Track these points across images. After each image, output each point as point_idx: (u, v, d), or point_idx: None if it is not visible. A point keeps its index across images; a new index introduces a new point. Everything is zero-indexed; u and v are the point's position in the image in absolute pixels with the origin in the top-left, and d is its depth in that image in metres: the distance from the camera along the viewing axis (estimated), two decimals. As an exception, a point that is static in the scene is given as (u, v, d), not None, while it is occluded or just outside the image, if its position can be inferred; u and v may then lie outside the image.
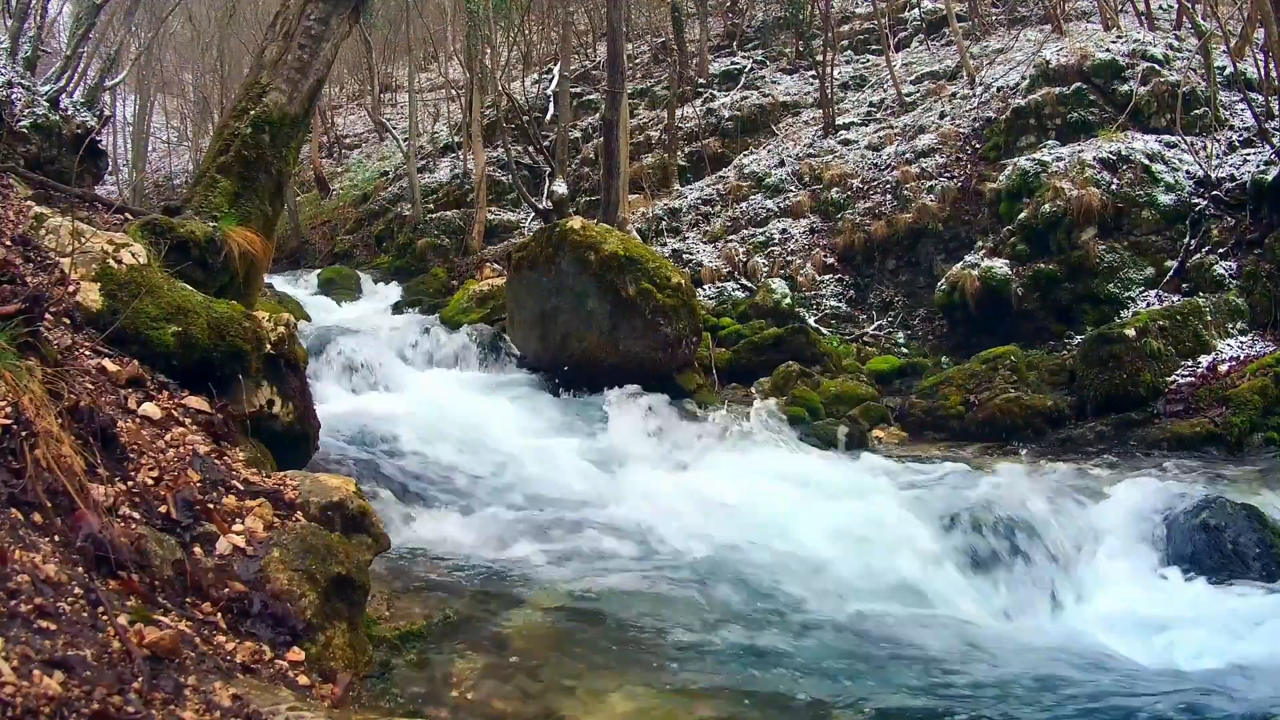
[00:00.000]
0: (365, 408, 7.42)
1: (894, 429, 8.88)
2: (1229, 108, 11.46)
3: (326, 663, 2.73)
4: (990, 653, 4.10)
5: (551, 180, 16.55)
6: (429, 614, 3.81)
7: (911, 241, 12.62)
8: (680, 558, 5.01)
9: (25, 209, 4.36)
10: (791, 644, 3.97)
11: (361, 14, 7.89)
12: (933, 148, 13.65)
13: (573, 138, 19.63)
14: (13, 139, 9.07)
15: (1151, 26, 14.43)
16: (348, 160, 27.28)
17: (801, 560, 5.05)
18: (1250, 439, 7.35)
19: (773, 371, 9.81)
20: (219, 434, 3.54)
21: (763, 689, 3.46)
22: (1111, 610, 4.80)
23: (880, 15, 18.56)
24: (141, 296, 3.84)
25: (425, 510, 5.57)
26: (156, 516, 2.70)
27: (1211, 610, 4.62)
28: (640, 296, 8.91)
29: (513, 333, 10.27)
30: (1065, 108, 12.23)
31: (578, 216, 10.76)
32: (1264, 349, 8.38)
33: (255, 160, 6.06)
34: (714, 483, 6.55)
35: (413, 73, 23.78)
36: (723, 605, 4.37)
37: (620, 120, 13.24)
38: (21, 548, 2.05)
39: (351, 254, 20.76)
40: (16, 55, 10.54)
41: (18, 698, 1.60)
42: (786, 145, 16.31)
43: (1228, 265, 9.48)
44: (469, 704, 3.13)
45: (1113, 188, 10.38)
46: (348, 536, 3.32)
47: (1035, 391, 8.63)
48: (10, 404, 2.32)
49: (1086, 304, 10.06)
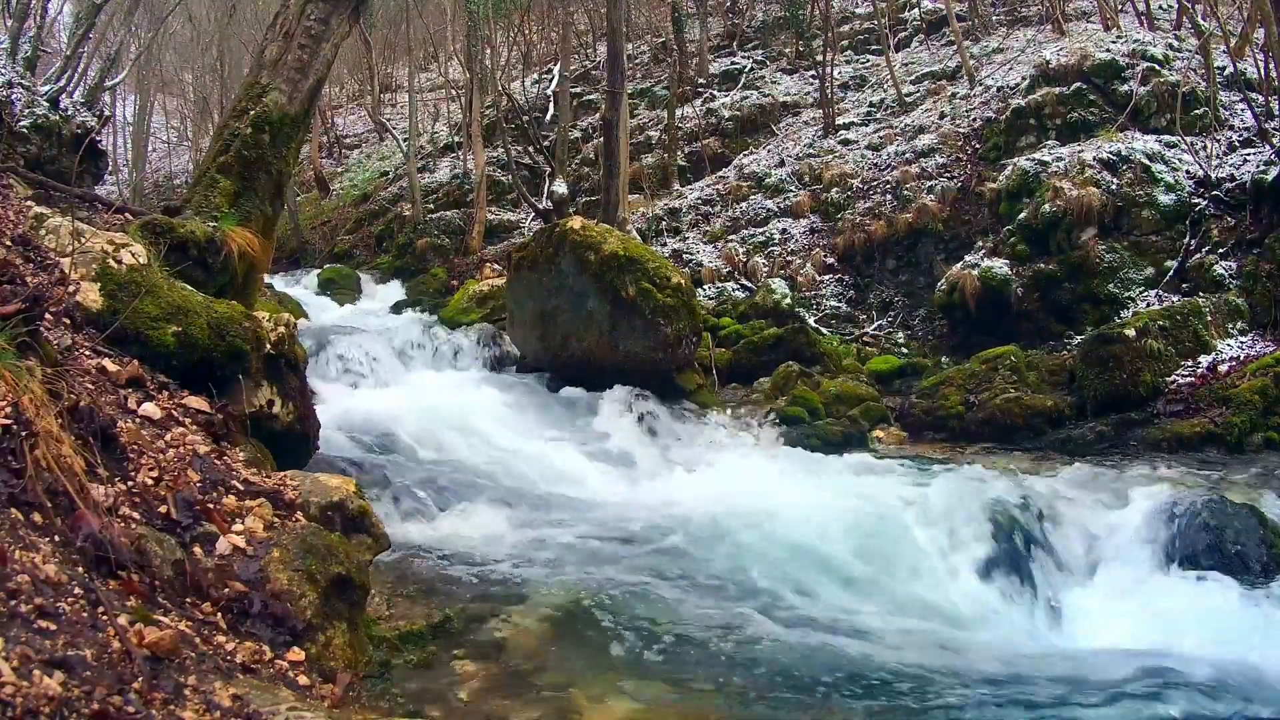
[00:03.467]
0: (365, 408, 7.41)
1: (894, 429, 8.87)
2: (1229, 108, 11.45)
3: (326, 663, 2.73)
4: (991, 653, 4.10)
5: (551, 180, 16.54)
6: (429, 614, 3.81)
7: (911, 241, 12.63)
8: (680, 558, 5.01)
9: (25, 209, 4.36)
10: (792, 644, 3.97)
11: (361, 14, 7.89)
12: (933, 148, 13.65)
13: (573, 138, 19.62)
14: (13, 139, 9.07)
15: (1151, 26, 14.43)
16: (348, 160, 27.26)
17: (801, 561, 5.04)
18: (1250, 439, 7.35)
19: (773, 372, 9.80)
20: (219, 434, 3.54)
21: (763, 690, 3.46)
22: (1111, 610, 4.80)
23: (880, 15, 18.56)
24: (141, 296, 3.84)
25: (425, 510, 5.56)
26: (156, 516, 2.69)
27: (1212, 610, 4.61)
28: (640, 296, 8.91)
29: (513, 333, 10.27)
30: (1065, 108, 12.23)
31: (578, 216, 10.76)
32: (1264, 349, 8.38)
33: (255, 160, 6.07)
34: (714, 483, 6.56)
35: (413, 73, 23.77)
36: (723, 605, 4.37)
37: (620, 120, 13.24)
38: (21, 548, 2.05)
39: (351, 254, 20.74)
40: (16, 55, 10.53)
41: (18, 698, 1.60)
42: (786, 145, 16.31)
43: (1228, 265, 9.48)
44: (469, 704, 3.13)
45: (1113, 188, 10.38)
46: (348, 536, 3.32)
47: (1035, 391, 8.63)
48: (10, 404, 2.32)
49: (1086, 304, 10.06)
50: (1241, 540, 5.08)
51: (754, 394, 9.73)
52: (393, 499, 5.56)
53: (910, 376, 10.32)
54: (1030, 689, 3.60)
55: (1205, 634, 4.32)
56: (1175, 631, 4.39)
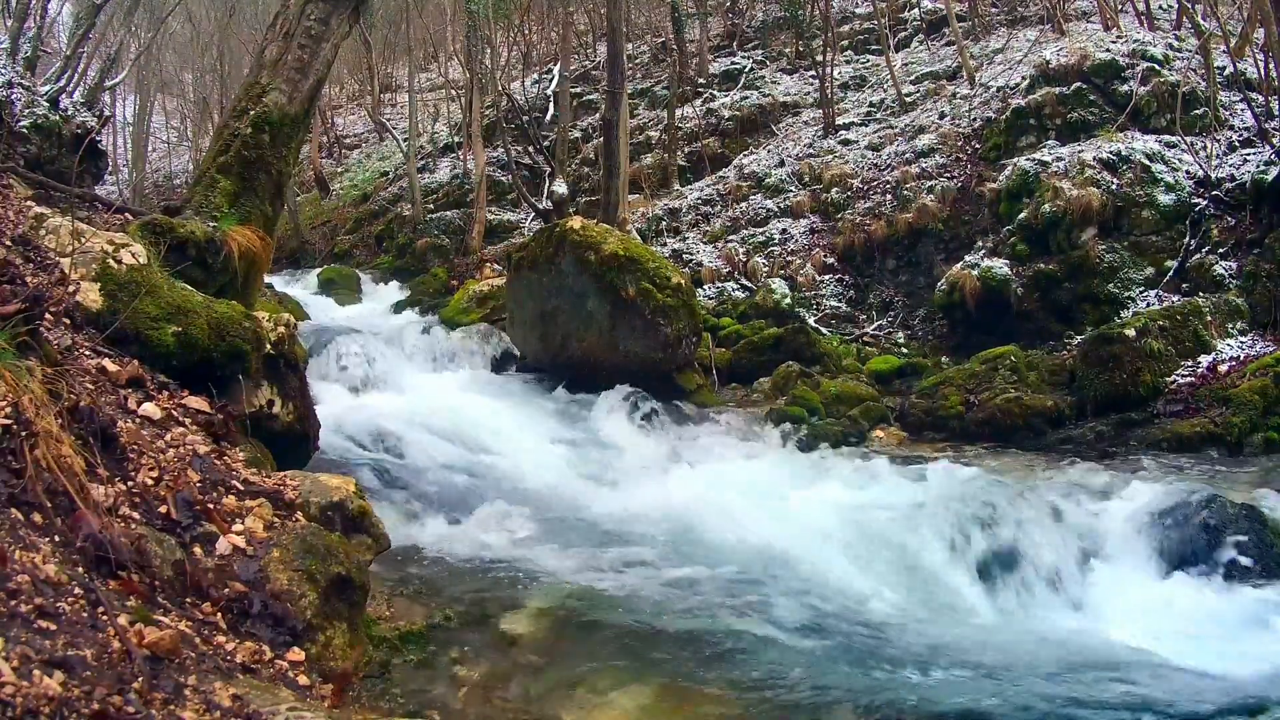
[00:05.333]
0: (365, 408, 7.41)
1: (894, 429, 8.87)
2: (1229, 108, 11.45)
3: (326, 663, 2.73)
4: (990, 653, 4.10)
5: (551, 180, 16.54)
6: (429, 614, 3.81)
7: (911, 241, 12.62)
8: (679, 558, 5.01)
9: (25, 209, 4.36)
10: (791, 643, 3.98)
11: (361, 14, 7.89)
12: (933, 148, 13.64)
13: (573, 138, 19.62)
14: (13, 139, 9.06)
15: (1151, 26, 14.42)
16: (348, 160, 27.27)
17: (801, 560, 5.05)
18: (1250, 439, 7.34)
19: (773, 372, 9.80)
20: (219, 434, 3.54)
21: (763, 689, 3.46)
22: (1111, 610, 4.79)
23: (880, 15, 18.56)
24: (141, 297, 3.84)
25: (425, 510, 5.57)
26: (156, 516, 2.69)
27: (1212, 610, 4.61)
28: (640, 296, 8.91)
29: (513, 333, 10.27)
30: (1065, 108, 12.22)
31: (578, 216, 10.76)
32: (1264, 349, 8.37)
33: (255, 160, 6.06)
34: (714, 483, 6.55)
35: (413, 73, 23.77)
36: (722, 605, 4.37)
37: (620, 120, 13.24)
38: (21, 548, 2.05)
39: (351, 254, 20.75)
40: (16, 55, 10.53)
41: (18, 698, 1.60)
42: (786, 145, 16.31)
43: (1228, 265, 9.48)
44: (469, 704, 3.13)
45: (1113, 188, 10.38)
46: (348, 537, 3.32)
47: (1035, 391, 8.63)
48: (10, 404, 2.32)
49: (1086, 304, 10.06)
50: (1241, 540, 5.08)
51: (754, 394, 9.73)
52: (392, 499, 5.56)
53: (910, 376, 10.31)
54: (1029, 689, 3.60)
55: (1204, 634, 4.32)
56: (1174, 631, 4.40)
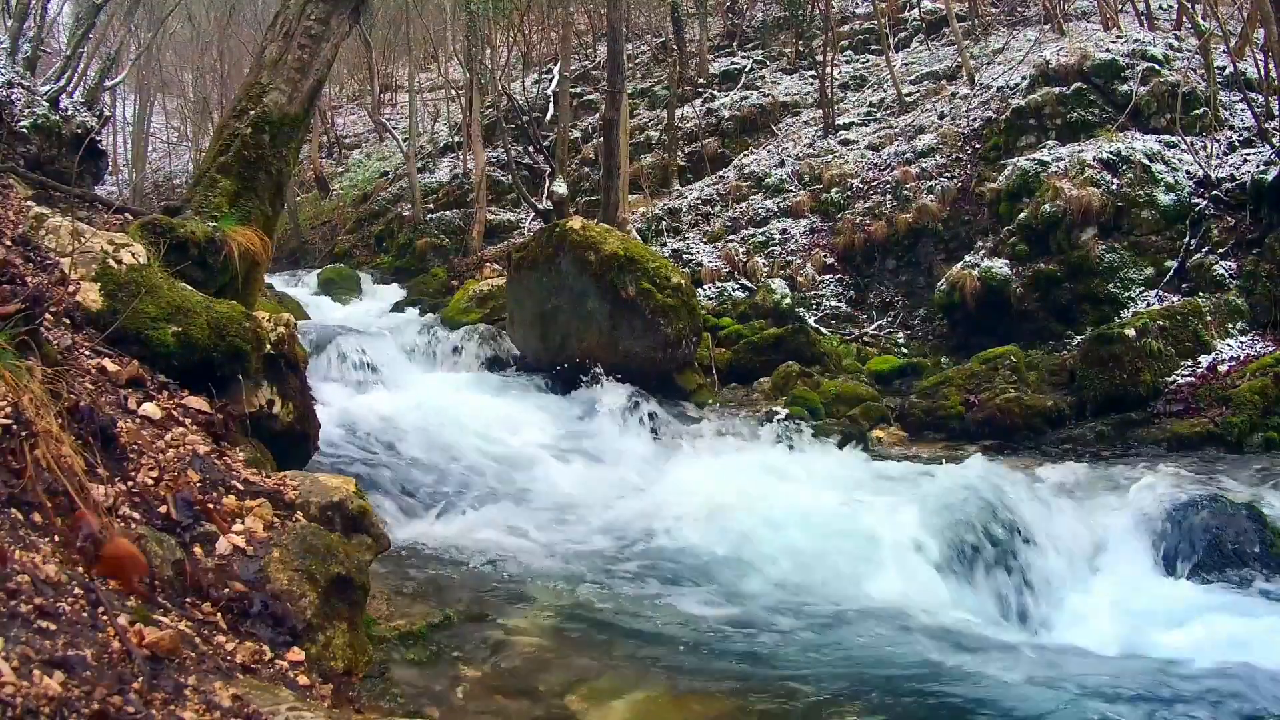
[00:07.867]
0: (365, 408, 7.41)
1: (894, 429, 8.87)
2: (1229, 108, 11.45)
3: (326, 663, 2.73)
4: (989, 653, 4.10)
5: (551, 180, 16.54)
6: (429, 614, 3.81)
7: (911, 241, 12.62)
8: (679, 558, 5.02)
9: (25, 209, 4.35)
10: (791, 644, 3.98)
11: (361, 14, 7.88)
12: (933, 148, 13.64)
13: (573, 138, 19.62)
14: (13, 139, 9.07)
15: (1151, 26, 14.42)
16: (348, 160, 27.27)
17: (800, 561, 5.04)
18: (1250, 439, 7.35)
19: (773, 372, 9.80)
20: (219, 434, 3.53)
21: (763, 689, 3.46)
22: (1111, 610, 4.79)
23: (880, 15, 18.56)
24: (141, 296, 3.84)
25: (425, 510, 5.57)
26: (156, 516, 2.69)
27: (1211, 610, 4.61)
28: (640, 296, 8.91)
29: (513, 333, 10.27)
30: (1065, 108, 12.23)
31: (578, 216, 10.76)
32: (1264, 349, 8.37)
33: (255, 160, 6.06)
34: (714, 483, 6.55)
35: (413, 73, 23.78)
36: (722, 605, 4.37)
37: (620, 120, 13.24)
38: (21, 548, 2.05)
39: (351, 254, 20.76)
40: (16, 55, 10.54)
41: (18, 698, 1.60)
42: (786, 145, 16.31)
43: (1228, 265, 9.48)
44: (469, 704, 3.13)
45: (1113, 188, 10.38)
46: (348, 536, 3.32)
47: (1035, 391, 8.63)
48: (10, 404, 2.32)
49: (1086, 304, 10.06)
50: (1241, 540, 5.08)
51: (754, 394, 9.73)
52: (393, 499, 5.56)
53: (910, 376, 10.32)
54: (1027, 689, 3.60)
55: (1204, 634, 4.32)
56: (1174, 632, 4.40)
